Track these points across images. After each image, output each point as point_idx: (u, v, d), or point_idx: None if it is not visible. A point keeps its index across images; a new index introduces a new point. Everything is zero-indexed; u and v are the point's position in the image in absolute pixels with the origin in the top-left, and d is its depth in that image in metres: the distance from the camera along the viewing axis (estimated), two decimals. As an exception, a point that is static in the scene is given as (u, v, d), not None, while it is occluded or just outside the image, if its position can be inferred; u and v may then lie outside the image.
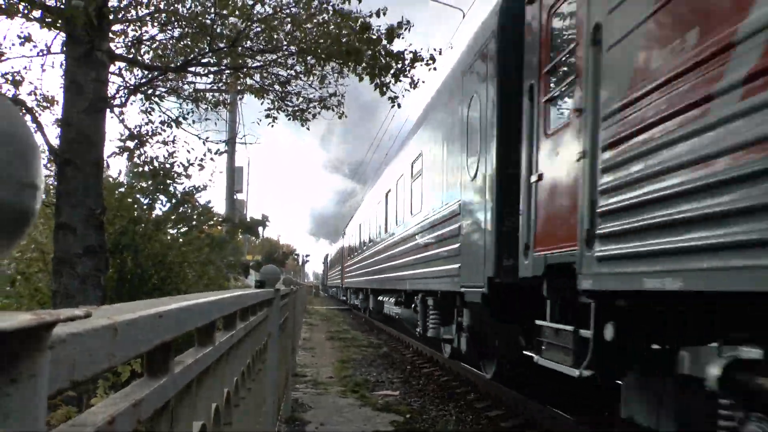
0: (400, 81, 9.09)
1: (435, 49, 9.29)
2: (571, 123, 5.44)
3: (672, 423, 4.40)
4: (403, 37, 8.82)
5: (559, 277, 5.58)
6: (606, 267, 4.55)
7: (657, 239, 3.85)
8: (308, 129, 11.08)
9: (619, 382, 5.18)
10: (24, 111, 7.84)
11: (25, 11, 7.58)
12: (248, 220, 9.33)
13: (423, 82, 9.36)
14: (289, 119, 10.72)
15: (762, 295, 3.00)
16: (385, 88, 9.08)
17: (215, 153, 11.00)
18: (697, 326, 4.07)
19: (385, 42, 8.76)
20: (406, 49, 9.02)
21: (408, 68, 9.01)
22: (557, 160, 5.81)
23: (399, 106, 9.57)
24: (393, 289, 16.28)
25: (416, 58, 9.05)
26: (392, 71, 8.95)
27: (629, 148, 4.25)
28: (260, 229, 9.45)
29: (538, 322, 6.09)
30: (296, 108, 10.65)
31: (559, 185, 5.72)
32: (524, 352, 6.61)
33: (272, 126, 10.97)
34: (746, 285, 3.09)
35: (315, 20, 9.06)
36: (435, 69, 9.32)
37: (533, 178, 6.35)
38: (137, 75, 10.34)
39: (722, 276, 3.24)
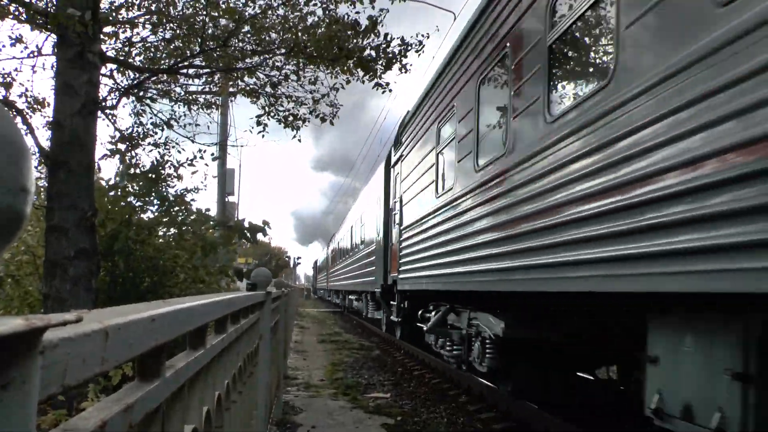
0: (390, 69, 9.23)
1: (423, 35, 9.38)
2: (399, 229, 13.21)
3: (433, 339, 11.08)
4: (382, 24, 8.95)
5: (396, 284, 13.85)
6: (403, 281, 12.52)
7: (410, 273, 11.73)
8: (299, 141, 11.09)
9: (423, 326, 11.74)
10: (14, 113, 7.81)
11: (16, 13, 7.55)
12: (247, 224, 9.24)
13: (411, 64, 9.48)
14: (280, 123, 10.71)
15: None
16: (376, 78, 9.24)
17: (205, 153, 10.99)
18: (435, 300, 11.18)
19: (372, 37, 8.86)
20: (392, 38, 9.13)
21: (399, 57, 9.13)
22: (395, 238, 14.03)
23: (390, 90, 9.81)
24: (354, 290, 26.59)
25: (405, 45, 9.17)
26: (381, 62, 9.07)
27: (406, 243, 12.08)
28: (261, 234, 9.38)
29: (391, 302, 15.29)
30: (287, 113, 10.64)
31: (397, 248, 13.60)
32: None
33: (263, 136, 11.00)
34: (440, 287, 9.52)
35: (304, 24, 9.08)
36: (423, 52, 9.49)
37: (390, 243, 15.32)
38: (129, 77, 10.33)
39: (427, 283, 10.37)
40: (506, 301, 7.78)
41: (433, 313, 10.92)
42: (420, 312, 12.12)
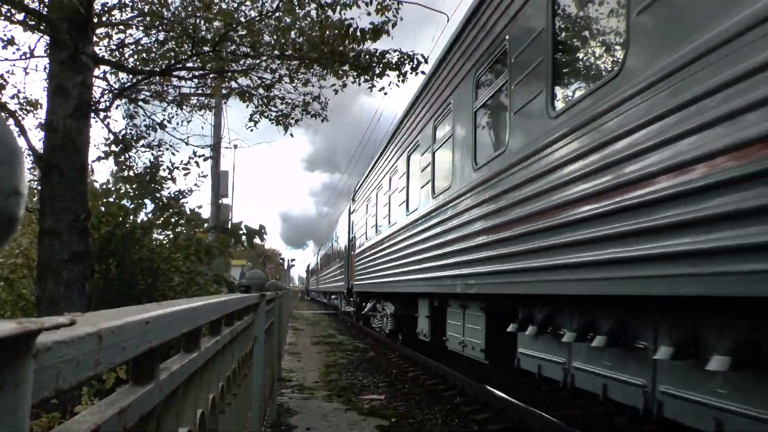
0: (387, 76, 9.19)
1: (421, 54, 9.34)
2: (353, 253, 22.15)
3: (377, 322, 18.98)
4: (389, 34, 8.84)
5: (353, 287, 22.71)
6: (356, 285, 21.04)
7: (359, 281, 20.06)
8: (291, 135, 11.16)
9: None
10: (7, 114, 7.78)
11: (8, 14, 7.52)
12: (243, 227, 9.18)
13: (414, 73, 9.41)
14: (272, 124, 10.72)
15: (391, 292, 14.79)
16: (371, 83, 9.22)
17: (199, 157, 10.96)
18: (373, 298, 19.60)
19: (369, 43, 8.81)
20: (390, 49, 9.08)
21: (396, 65, 9.08)
22: (352, 257, 22.40)
23: (385, 93, 9.87)
24: (334, 291, 35.80)
25: (404, 57, 9.12)
26: (377, 71, 9.03)
27: (357, 263, 20.61)
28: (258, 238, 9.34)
29: (351, 298, 25.50)
30: (279, 113, 10.65)
31: (353, 264, 21.76)
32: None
33: (251, 130, 11.06)
34: (390, 289, 14.16)
35: (298, 25, 9.06)
36: (421, 72, 9.39)
37: (350, 261, 23.06)
38: (122, 79, 10.30)
39: (366, 286, 18.59)
40: (398, 296, 14.53)
41: (369, 304, 20.03)
42: (364, 304, 21.39)
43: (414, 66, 9.20)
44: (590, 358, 5.68)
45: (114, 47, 9.84)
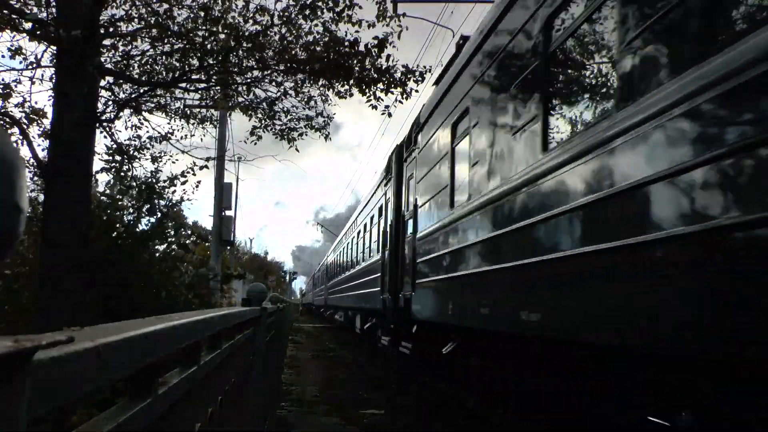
0: (392, 93, 9.20)
1: (425, 66, 9.38)
2: (329, 283, 37.10)
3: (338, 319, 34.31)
4: (393, 45, 8.87)
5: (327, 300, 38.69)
6: (329, 300, 36.65)
7: (333, 296, 32.76)
8: (297, 150, 11.17)
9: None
10: (13, 124, 7.80)
11: (17, 20, 7.56)
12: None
13: (416, 91, 9.44)
14: (276, 138, 10.72)
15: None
16: (376, 101, 9.22)
17: (195, 166, 10.93)
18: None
19: (375, 57, 8.83)
20: (397, 63, 9.11)
21: (401, 80, 9.10)
22: (327, 285, 38.56)
23: (390, 115, 9.85)
24: (317, 304, 52.83)
25: (409, 71, 9.14)
26: (382, 86, 9.05)
27: (330, 290, 34.85)
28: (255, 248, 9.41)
29: (326, 306, 42.50)
30: (284, 126, 10.65)
31: (328, 288, 36.83)
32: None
33: (255, 144, 11.07)
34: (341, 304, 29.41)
35: (303, 40, 9.08)
36: (422, 81, 9.43)
37: (327, 286, 38.12)
38: (126, 90, 10.32)
39: (336, 302, 33.21)
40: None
41: (331, 311, 38.19)
42: (331, 310, 36.74)
43: (417, 79, 9.24)
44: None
45: (120, 58, 9.87)
